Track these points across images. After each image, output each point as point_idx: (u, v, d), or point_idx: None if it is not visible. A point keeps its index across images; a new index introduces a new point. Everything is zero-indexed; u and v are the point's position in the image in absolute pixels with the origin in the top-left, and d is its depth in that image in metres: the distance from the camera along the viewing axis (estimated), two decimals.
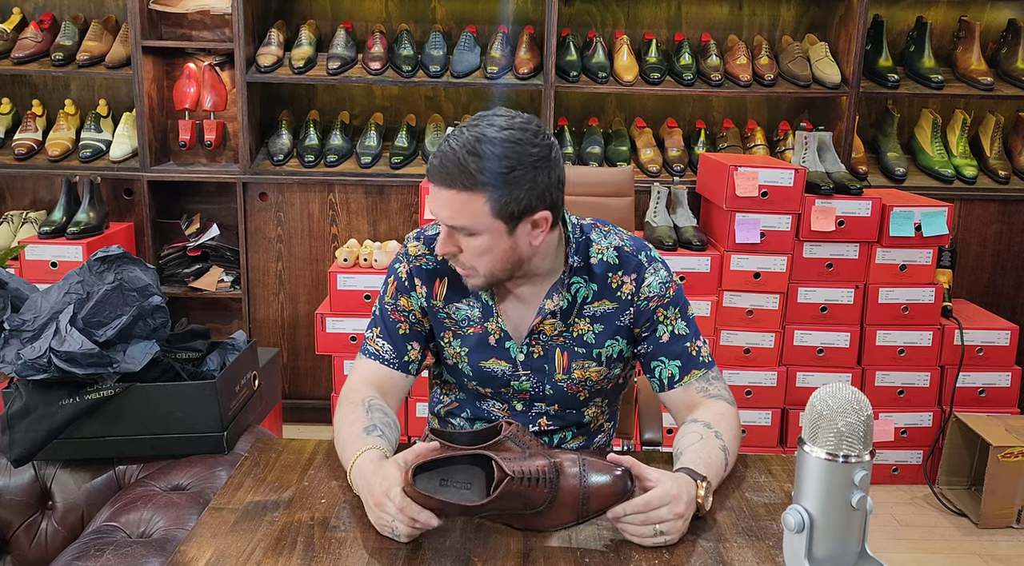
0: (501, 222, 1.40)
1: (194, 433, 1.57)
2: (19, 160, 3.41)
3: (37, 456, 1.56)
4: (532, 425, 1.62)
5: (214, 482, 1.51)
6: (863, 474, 1.09)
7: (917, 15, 3.56)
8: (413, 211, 3.44)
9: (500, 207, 1.38)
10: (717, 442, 1.42)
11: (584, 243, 1.56)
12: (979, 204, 3.46)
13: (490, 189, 1.36)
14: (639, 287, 1.55)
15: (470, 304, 1.57)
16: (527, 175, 1.38)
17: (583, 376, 1.57)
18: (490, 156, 1.35)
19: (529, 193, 1.39)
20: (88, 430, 1.56)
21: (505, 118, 1.40)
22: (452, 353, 1.60)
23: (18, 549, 1.58)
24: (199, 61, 3.47)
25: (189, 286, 3.49)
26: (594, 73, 3.36)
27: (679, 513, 1.25)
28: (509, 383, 1.58)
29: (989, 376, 3.17)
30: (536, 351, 1.56)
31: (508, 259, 1.45)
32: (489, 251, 1.43)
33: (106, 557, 1.29)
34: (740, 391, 3.14)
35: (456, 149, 1.37)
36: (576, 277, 1.55)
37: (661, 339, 1.55)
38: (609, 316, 1.55)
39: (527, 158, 1.38)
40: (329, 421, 3.24)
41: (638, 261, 1.56)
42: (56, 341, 1.49)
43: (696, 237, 3.13)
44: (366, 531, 1.28)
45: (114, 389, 1.53)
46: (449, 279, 1.57)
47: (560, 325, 1.54)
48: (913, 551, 2.80)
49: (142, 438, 1.57)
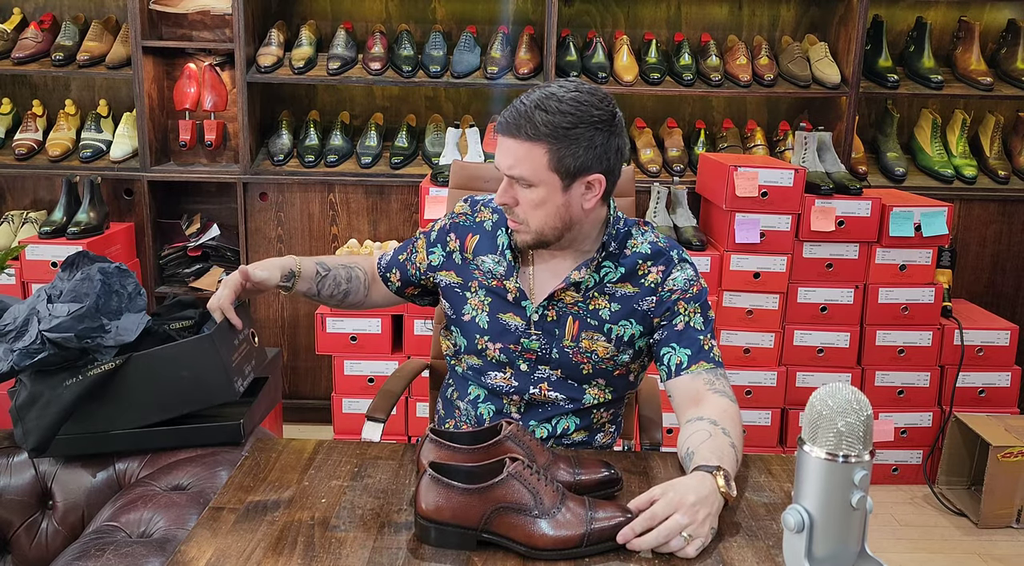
0: (557, 177, 1.50)
1: (203, 389, 1.55)
2: (19, 160, 3.41)
3: (60, 450, 1.56)
4: (533, 388, 1.65)
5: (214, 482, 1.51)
6: (863, 474, 1.09)
7: (917, 15, 3.56)
8: (413, 211, 3.44)
9: (558, 160, 1.48)
10: (726, 439, 1.43)
11: (624, 235, 1.65)
12: (979, 204, 3.46)
13: (551, 141, 1.47)
14: (665, 279, 1.62)
15: (496, 260, 1.67)
16: (587, 134, 1.48)
17: (590, 347, 1.62)
18: (555, 111, 1.47)
19: (587, 152, 1.49)
20: (101, 412, 1.55)
21: (575, 83, 1.53)
22: (475, 304, 1.68)
23: (19, 549, 1.58)
24: (199, 61, 3.47)
25: (189, 286, 3.50)
26: (594, 73, 3.36)
27: (693, 512, 1.24)
28: (519, 340, 1.64)
29: (989, 376, 3.17)
30: (550, 314, 1.63)
31: (560, 216, 1.54)
32: (543, 205, 1.52)
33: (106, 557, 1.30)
34: (740, 391, 3.14)
35: (526, 103, 1.49)
36: (608, 262, 1.63)
37: (676, 328, 1.60)
38: (628, 298, 1.62)
39: (589, 118, 1.48)
40: (329, 421, 3.24)
41: (669, 256, 1.64)
42: (44, 324, 1.51)
43: (696, 237, 3.14)
44: (366, 531, 1.28)
45: (114, 362, 1.53)
46: (481, 236, 1.70)
47: (579, 297, 1.62)
48: (913, 551, 2.80)
49: (153, 405, 1.56)
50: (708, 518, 1.26)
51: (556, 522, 1.22)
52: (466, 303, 1.70)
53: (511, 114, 1.50)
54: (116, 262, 1.65)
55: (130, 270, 1.64)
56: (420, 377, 2.20)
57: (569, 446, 1.69)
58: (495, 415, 1.69)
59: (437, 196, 3.05)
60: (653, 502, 1.26)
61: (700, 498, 1.27)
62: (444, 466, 1.28)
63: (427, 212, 3.05)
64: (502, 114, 1.52)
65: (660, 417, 1.92)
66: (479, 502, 1.22)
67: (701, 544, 1.24)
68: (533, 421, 1.67)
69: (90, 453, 1.60)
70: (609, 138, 1.51)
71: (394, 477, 1.45)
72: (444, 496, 1.23)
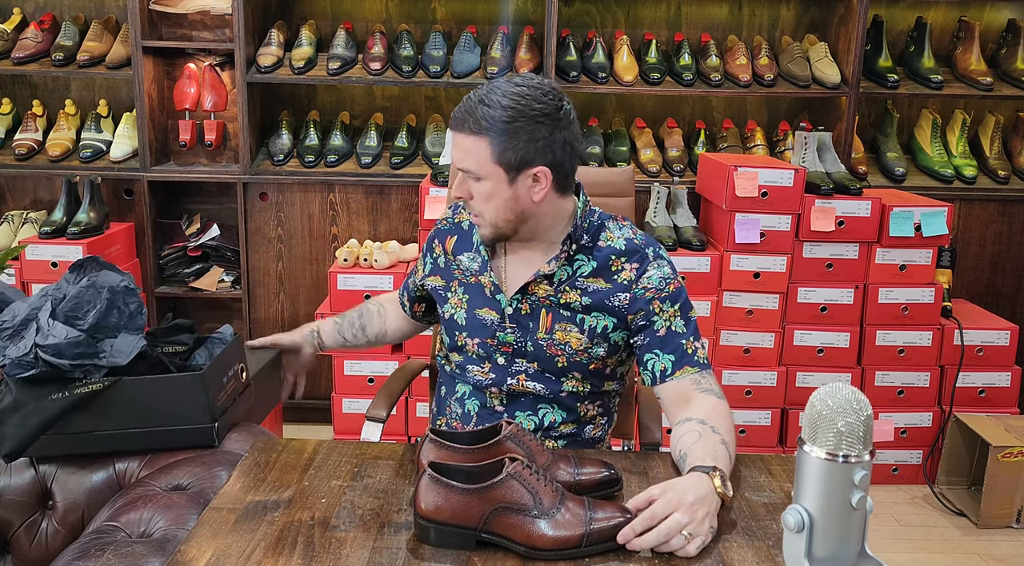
0: (502, 170, 1.53)
1: (184, 425, 1.57)
2: (19, 160, 3.41)
3: (29, 452, 1.57)
4: (511, 379, 1.66)
5: (214, 482, 1.51)
6: (863, 474, 1.09)
7: (917, 15, 3.56)
8: (413, 211, 3.44)
9: (499, 153, 1.51)
10: (716, 436, 1.44)
11: (597, 227, 1.65)
12: (979, 204, 3.46)
13: (492, 135, 1.50)
14: (639, 277, 1.61)
15: (471, 258, 1.72)
16: (527, 127, 1.50)
17: (563, 339, 1.63)
18: (496, 105, 1.50)
19: (528, 145, 1.51)
20: (79, 425, 1.56)
21: (522, 78, 1.55)
22: (455, 302, 1.72)
23: (19, 549, 1.58)
24: (199, 61, 3.47)
25: (189, 286, 3.50)
26: (594, 73, 3.36)
27: (692, 511, 1.25)
28: (495, 334, 1.67)
29: (989, 376, 3.17)
30: (524, 308, 1.65)
31: (510, 209, 1.56)
32: (492, 198, 1.55)
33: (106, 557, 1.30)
34: (740, 391, 3.14)
35: (472, 98, 1.53)
36: (581, 255, 1.63)
37: (658, 333, 1.59)
38: (600, 293, 1.62)
39: (530, 112, 1.50)
40: (329, 421, 3.24)
41: (644, 254, 1.63)
42: (40, 337, 1.50)
43: (696, 237, 3.14)
44: (366, 531, 1.28)
45: (102, 383, 1.54)
46: (459, 236, 1.75)
47: (551, 290, 1.63)
48: (913, 551, 2.80)
49: (132, 431, 1.57)
50: (707, 517, 1.26)
51: (555, 522, 1.22)
52: (447, 302, 1.74)
53: (459, 109, 1.54)
54: (125, 272, 1.64)
55: (136, 286, 1.64)
56: (420, 377, 2.20)
57: (558, 438, 1.69)
58: (480, 409, 1.70)
59: (437, 196, 3.05)
60: (652, 502, 1.26)
61: (699, 498, 1.27)
62: (444, 466, 1.28)
63: (427, 212, 3.05)
64: (454, 110, 1.56)
65: (660, 417, 1.92)
66: (479, 502, 1.22)
67: (701, 543, 1.24)
68: (519, 412, 1.68)
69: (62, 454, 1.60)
70: (553, 131, 1.52)
71: (394, 477, 1.45)
72: (444, 496, 1.23)
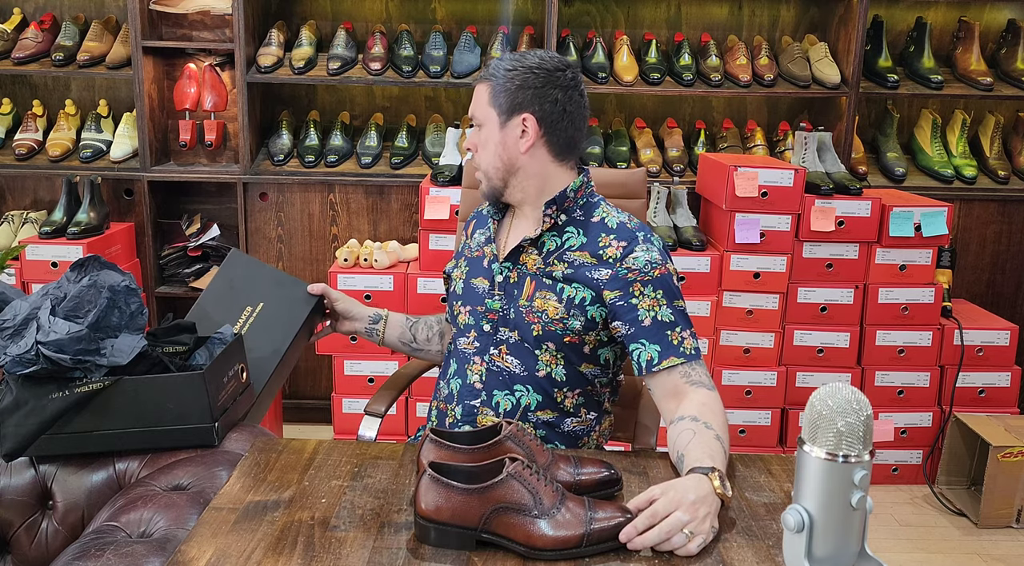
0: (494, 112, 1.64)
1: (184, 425, 1.57)
2: (20, 160, 3.41)
3: (29, 451, 1.57)
4: (493, 348, 1.70)
5: (214, 482, 1.51)
6: (863, 474, 1.09)
7: (917, 15, 3.56)
8: (413, 211, 3.44)
9: (493, 96, 1.64)
10: (710, 433, 1.45)
11: (594, 204, 1.71)
12: (979, 204, 3.46)
13: (492, 80, 1.65)
14: (624, 256, 1.64)
15: (482, 232, 1.81)
16: (523, 75, 1.63)
17: (542, 306, 1.66)
18: (506, 59, 1.66)
19: (520, 91, 1.62)
20: (78, 425, 1.56)
21: (545, 51, 1.69)
22: (458, 275, 1.81)
23: (19, 549, 1.58)
24: (199, 61, 3.47)
25: (189, 286, 3.50)
26: (594, 73, 3.36)
27: (694, 509, 1.25)
28: (484, 301, 1.73)
29: (989, 376, 3.17)
30: (512, 276, 1.71)
31: (498, 156, 1.66)
32: (487, 144, 1.67)
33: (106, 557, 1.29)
34: (740, 391, 3.14)
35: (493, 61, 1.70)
36: (572, 227, 1.68)
37: (643, 323, 1.60)
38: (584, 267, 1.65)
39: (531, 65, 1.64)
40: (329, 421, 3.24)
41: (634, 235, 1.66)
42: (41, 334, 1.50)
43: (696, 237, 3.14)
44: (366, 531, 1.28)
45: (103, 382, 1.54)
46: (477, 219, 1.87)
47: (540, 261, 1.68)
48: (913, 551, 2.80)
49: (132, 431, 1.57)
50: (708, 516, 1.27)
51: (556, 522, 1.22)
52: (453, 278, 1.84)
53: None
54: (126, 272, 1.65)
55: (137, 287, 1.64)
56: (420, 377, 2.21)
57: (536, 426, 1.69)
58: (461, 388, 1.74)
59: (437, 196, 3.05)
60: (653, 501, 1.27)
61: (700, 497, 1.27)
62: (444, 466, 1.28)
63: (427, 212, 3.05)
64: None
65: (659, 419, 1.92)
66: (479, 502, 1.22)
67: (703, 541, 1.24)
68: (496, 391, 1.70)
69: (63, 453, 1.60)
70: (547, 85, 1.62)
71: (394, 477, 1.45)
72: (444, 496, 1.23)
